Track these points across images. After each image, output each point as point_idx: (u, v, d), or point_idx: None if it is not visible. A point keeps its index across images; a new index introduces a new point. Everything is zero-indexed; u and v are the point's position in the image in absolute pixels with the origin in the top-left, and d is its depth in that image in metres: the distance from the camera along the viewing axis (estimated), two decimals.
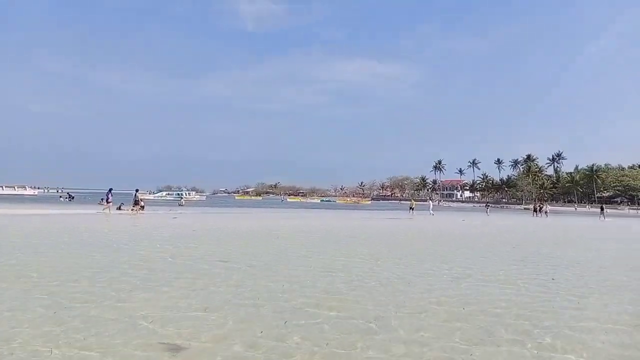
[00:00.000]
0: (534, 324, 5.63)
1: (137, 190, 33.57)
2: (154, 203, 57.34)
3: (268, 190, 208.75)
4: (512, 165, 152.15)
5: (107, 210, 30.40)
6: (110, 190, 31.02)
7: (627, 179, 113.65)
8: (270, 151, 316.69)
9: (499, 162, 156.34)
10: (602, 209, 49.67)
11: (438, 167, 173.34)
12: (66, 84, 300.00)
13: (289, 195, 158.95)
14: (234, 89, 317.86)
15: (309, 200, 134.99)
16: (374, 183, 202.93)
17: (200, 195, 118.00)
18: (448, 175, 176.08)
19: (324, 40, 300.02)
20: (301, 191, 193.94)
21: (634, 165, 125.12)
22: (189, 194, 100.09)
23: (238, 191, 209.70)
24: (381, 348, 4.62)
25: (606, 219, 43.09)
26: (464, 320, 5.77)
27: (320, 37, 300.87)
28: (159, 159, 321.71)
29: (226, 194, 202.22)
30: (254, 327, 5.16)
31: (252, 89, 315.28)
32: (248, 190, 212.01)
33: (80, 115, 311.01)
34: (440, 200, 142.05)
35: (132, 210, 31.89)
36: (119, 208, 33.15)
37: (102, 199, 47.34)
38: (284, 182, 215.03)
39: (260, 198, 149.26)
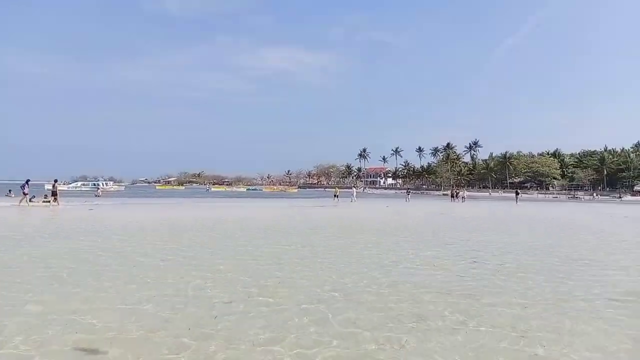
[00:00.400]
0: (463, 305, 6.03)
1: (55, 181, 31.55)
2: (68, 194, 53.94)
3: (191, 179, 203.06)
4: (432, 152, 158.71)
5: (24, 203, 28.42)
6: (28, 181, 28.95)
7: (537, 165, 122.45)
8: (194, 140, 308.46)
9: (420, 150, 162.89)
10: (517, 193, 52.39)
11: (363, 155, 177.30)
12: None
13: (213, 184, 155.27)
14: (155, 75, 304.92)
15: (234, 189, 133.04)
16: (300, 171, 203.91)
17: (118, 185, 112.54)
18: (372, 162, 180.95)
19: (251, 27, 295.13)
20: (226, 180, 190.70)
21: (543, 152, 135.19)
22: (106, 184, 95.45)
23: (159, 181, 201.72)
24: (316, 333, 4.78)
25: (519, 203, 46.06)
26: (396, 303, 6.08)
27: (247, 23, 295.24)
28: (73, 148, 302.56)
29: (146, 184, 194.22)
30: (182, 323, 5.04)
31: (174, 76, 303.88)
32: (170, 179, 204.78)
33: None
34: (365, 188, 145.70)
35: (48, 202, 29.96)
36: (30, 200, 30.86)
37: (10, 190, 44.17)
38: (208, 171, 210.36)
39: (183, 187, 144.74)
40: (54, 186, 30.78)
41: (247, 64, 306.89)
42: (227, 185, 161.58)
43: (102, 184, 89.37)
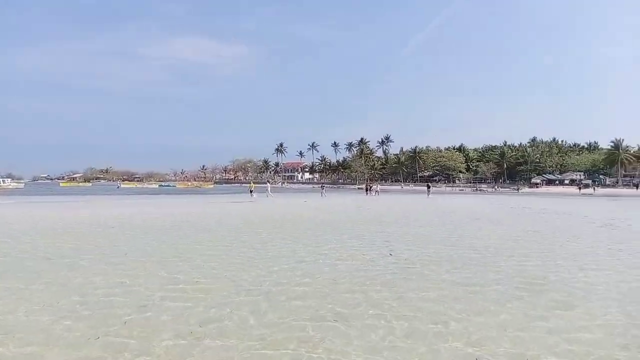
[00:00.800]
0: (387, 292, 6.48)
1: None
2: None
3: (98, 175, 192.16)
4: (347, 147, 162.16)
5: None
6: None
7: (444, 159, 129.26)
8: (99, 133, 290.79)
9: (335, 145, 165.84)
10: (428, 187, 55.18)
11: (280, 149, 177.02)
12: None
13: (123, 181, 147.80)
14: (56, 63, 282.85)
15: (146, 185, 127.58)
16: (216, 166, 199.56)
17: (17, 182, 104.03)
18: (289, 157, 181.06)
19: (161, 15, 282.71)
20: (137, 176, 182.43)
21: (449, 147, 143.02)
22: (3, 181, 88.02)
23: (63, 177, 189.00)
24: (259, 325, 4.98)
25: (430, 196, 48.34)
26: (327, 292, 6.41)
27: (156, 11, 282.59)
28: None
29: (49, 181, 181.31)
30: (90, 330, 4.82)
31: (78, 64, 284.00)
32: (75, 175, 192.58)
33: None
34: (284, 182, 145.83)
35: None
36: None
37: None
38: (117, 167, 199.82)
39: (90, 184, 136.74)
40: None
41: (157, 53, 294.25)
42: (138, 181, 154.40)
43: None
